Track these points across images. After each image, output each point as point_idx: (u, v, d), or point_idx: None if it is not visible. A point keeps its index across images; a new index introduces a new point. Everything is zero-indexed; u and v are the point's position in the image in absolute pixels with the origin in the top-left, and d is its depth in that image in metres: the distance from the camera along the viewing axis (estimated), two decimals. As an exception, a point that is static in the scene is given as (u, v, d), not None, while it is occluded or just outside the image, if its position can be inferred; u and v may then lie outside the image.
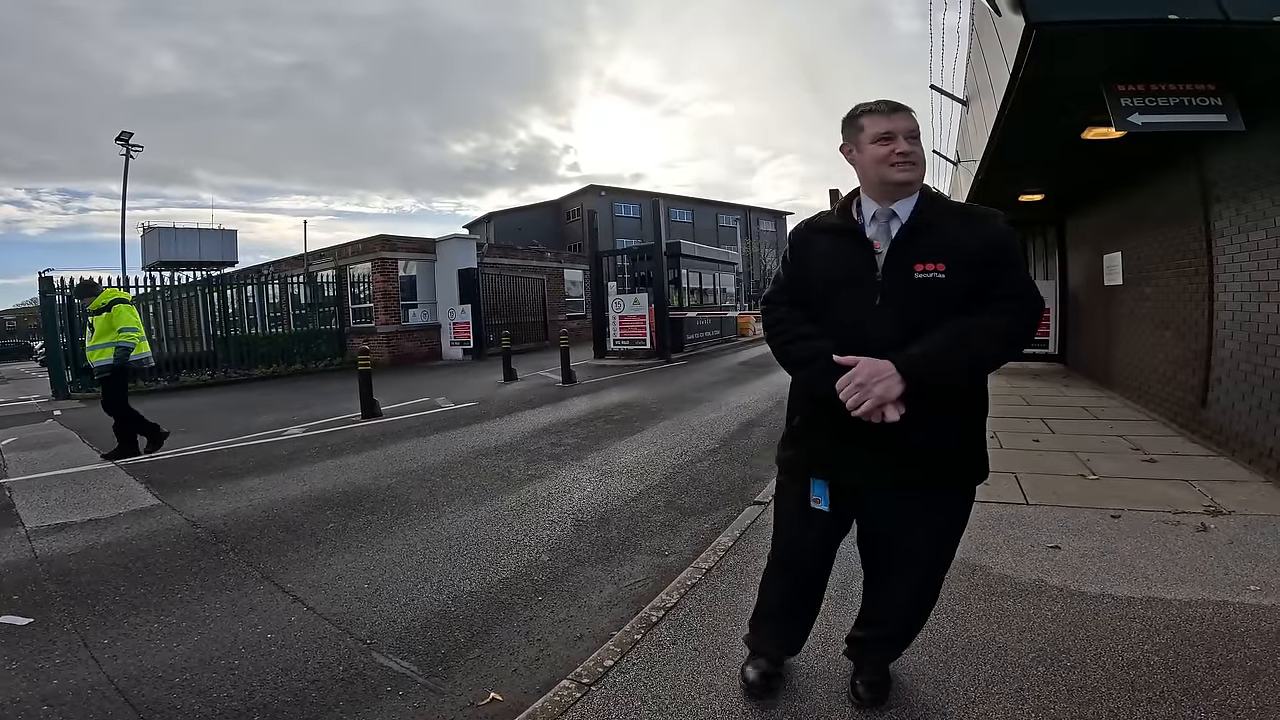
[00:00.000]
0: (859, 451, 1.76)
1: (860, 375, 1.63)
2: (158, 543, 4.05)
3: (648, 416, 8.02)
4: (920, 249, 1.69)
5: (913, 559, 1.91)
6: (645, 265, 16.82)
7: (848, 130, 1.83)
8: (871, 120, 1.76)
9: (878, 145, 1.74)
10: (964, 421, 1.78)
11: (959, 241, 1.68)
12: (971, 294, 1.66)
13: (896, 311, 1.68)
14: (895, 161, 1.71)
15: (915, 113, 1.77)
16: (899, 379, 1.59)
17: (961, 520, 1.89)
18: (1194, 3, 3.12)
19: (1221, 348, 4.89)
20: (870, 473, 1.78)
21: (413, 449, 6.61)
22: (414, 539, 3.97)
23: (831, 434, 1.80)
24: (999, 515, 3.68)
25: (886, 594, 2.02)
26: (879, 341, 1.66)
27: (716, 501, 4.50)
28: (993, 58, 4.85)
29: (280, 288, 19.42)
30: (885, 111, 1.75)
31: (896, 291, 1.69)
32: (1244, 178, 4.52)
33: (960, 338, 1.62)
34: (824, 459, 1.85)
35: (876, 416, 1.62)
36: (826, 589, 2.18)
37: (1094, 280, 8.40)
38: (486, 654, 2.65)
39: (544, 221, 47.98)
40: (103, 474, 5.94)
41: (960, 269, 1.66)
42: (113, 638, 2.84)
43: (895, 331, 1.66)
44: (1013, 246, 1.74)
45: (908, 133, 1.73)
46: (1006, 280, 1.67)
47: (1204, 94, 3.67)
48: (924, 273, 1.67)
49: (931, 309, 1.65)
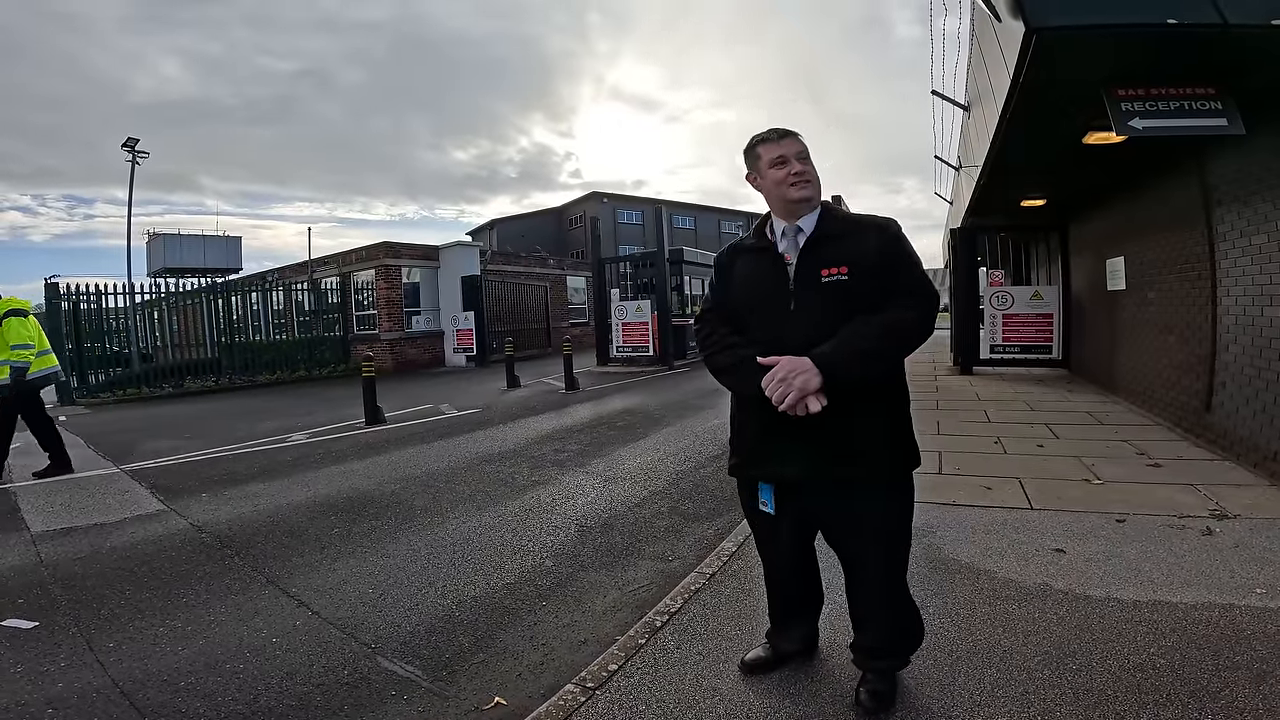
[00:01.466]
0: (792, 446, 1.88)
1: (781, 371, 1.77)
2: (163, 547, 4.06)
3: (651, 423, 8.02)
4: (825, 256, 1.87)
5: (863, 558, 2.00)
6: (648, 272, 16.83)
7: (748, 160, 2.03)
8: (766, 148, 1.97)
9: (775, 169, 1.94)
10: (887, 414, 1.90)
11: (858, 247, 1.86)
12: (875, 294, 1.82)
13: (809, 315, 1.85)
14: (792, 181, 1.90)
15: (802, 136, 1.97)
16: (816, 371, 1.74)
17: (901, 515, 1.99)
18: (1193, 7, 3.14)
19: (1225, 352, 4.88)
20: (805, 466, 1.89)
21: (417, 455, 6.62)
22: (418, 544, 3.98)
23: (765, 433, 1.94)
24: (1003, 520, 3.67)
25: (856, 599, 2.11)
26: (796, 344, 1.81)
27: (720, 507, 4.50)
28: (993, 63, 4.87)
29: (285, 294, 19.48)
30: (775, 139, 1.96)
31: (807, 297, 1.87)
32: (1246, 181, 4.52)
33: (865, 331, 1.77)
34: (760, 457, 2.00)
35: (800, 409, 1.75)
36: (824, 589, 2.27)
37: (1097, 285, 8.40)
38: (491, 658, 2.65)
39: (546, 228, 48.07)
40: (108, 479, 5.96)
41: (862, 272, 1.83)
42: (118, 641, 2.84)
43: (810, 333, 1.81)
44: (905, 249, 1.89)
45: (798, 154, 1.93)
46: (904, 279, 1.85)
47: (1204, 98, 3.69)
48: (830, 276, 1.85)
49: (840, 310, 1.82)
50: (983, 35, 5.59)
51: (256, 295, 19.01)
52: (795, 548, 2.14)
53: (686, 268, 18.48)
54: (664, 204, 29.45)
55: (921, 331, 1.86)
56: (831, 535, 2.06)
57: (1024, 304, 10.23)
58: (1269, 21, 3.07)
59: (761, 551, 2.23)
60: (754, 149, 2.00)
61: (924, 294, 1.86)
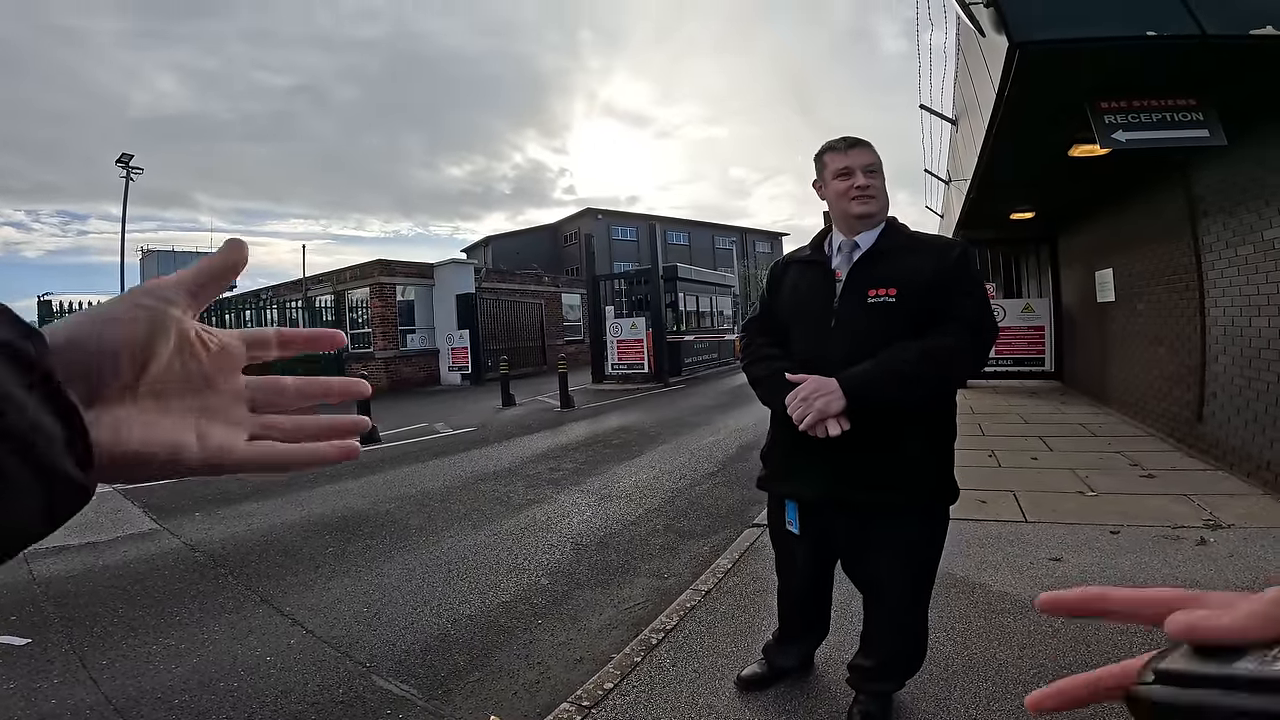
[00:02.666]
0: (812, 466, 1.83)
1: (804, 390, 1.70)
2: (156, 566, 4.04)
3: (646, 441, 8.02)
4: (875, 275, 1.78)
5: (882, 586, 1.93)
6: (642, 289, 16.88)
7: (817, 167, 1.95)
8: (832, 157, 1.87)
9: (838, 181, 1.85)
10: (923, 445, 1.79)
11: (914, 268, 1.76)
12: (925, 319, 1.72)
13: (850, 334, 1.77)
14: (854, 195, 1.81)
15: (873, 147, 1.86)
16: (840, 395, 1.65)
17: (929, 548, 1.89)
18: (1171, 19, 3.20)
19: (1215, 362, 4.93)
20: (823, 487, 1.84)
21: (411, 474, 6.59)
22: (413, 563, 3.96)
23: (788, 449, 1.89)
24: (998, 533, 3.68)
25: (869, 622, 2.05)
26: (835, 363, 1.72)
27: (715, 524, 4.49)
28: (979, 77, 4.95)
29: (279, 312, 19.46)
30: (843, 148, 1.86)
31: (850, 315, 1.79)
32: (1230, 192, 4.58)
33: (898, 358, 1.66)
34: (783, 473, 1.96)
35: (820, 431, 1.67)
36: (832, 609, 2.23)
37: (1087, 297, 8.47)
38: (486, 677, 2.64)
39: (541, 245, 48.25)
40: (100, 498, 5.88)
41: (912, 294, 1.73)
42: (111, 659, 2.83)
43: (849, 353, 1.72)
44: (966, 274, 1.77)
45: (865, 167, 1.82)
46: (954, 305, 1.72)
47: (1186, 109, 3.75)
48: (876, 297, 1.76)
49: (883, 332, 1.72)
50: (968, 50, 5.68)
51: (251, 313, 19.01)
52: (812, 570, 2.09)
53: (681, 284, 18.52)
54: (658, 220, 29.58)
55: (963, 363, 1.75)
56: (849, 562, 2.01)
57: (1016, 317, 10.29)
58: (1247, 31, 3.13)
59: (779, 569, 2.20)
60: (821, 156, 1.91)
61: (973, 324, 1.72)
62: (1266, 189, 4.13)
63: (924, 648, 2.03)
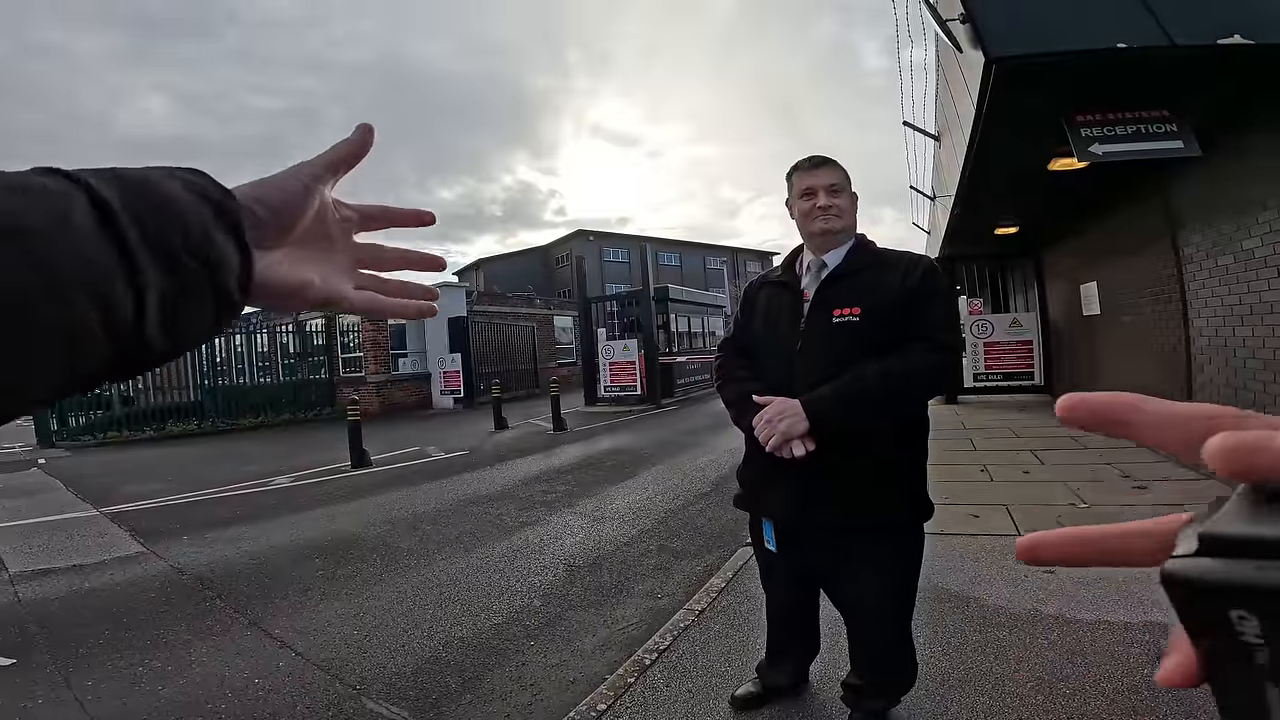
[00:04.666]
0: (780, 486, 1.83)
1: (768, 413, 1.70)
2: (143, 588, 3.99)
3: (640, 462, 7.98)
4: (840, 295, 1.78)
5: (860, 607, 1.92)
6: (634, 311, 16.91)
7: (787, 187, 1.96)
8: (799, 177, 1.89)
9: (803, 200, 1.86)
10: (891, 465, 1.78)
11: (880, 286, 1.75)
12: (891, 337, 1.70)
13: (815, 355, 1.76)
14: (816, 214, 1.82)
15: (840, 166, 1.88)
16: (803, 416, 1.65)
17: (908, 567, 1.88)
18: (1140, 31, 3.28)
19: (1201, 373, 4.97)
20: (790, 508, 1.83)
21: (403, 498, 6.53)
22: (404, 586, 3.91)
23: (759, 470, 1.89)
24: (991, 547, 3.67)
25: (853, 643, 2.03)
26: (801, 385, 1.72)
27: (709, 544, 4.46)
28: (959, 93, 5.04)
29: (269, 337, 19.37)
30: (808, 167, 1.87)
31: (815, 336, 1.79)
32: (1208, 202, 4.66)
33: (859, 378, 1.65)
34: (753, 492, 1.97)
35: (785, 452, 1.67)
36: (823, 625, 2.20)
37: (1073, 311, 8.56)
38: (478, 699, 2.60)
39: (533, 268, 48.33)
40: (87, 521, 5.84)
41: (877, 312, 1.72)
42: (96, 680, 2.79)
43: (814, 376, 1.72)
44: (932, 290, 1.75)
45: (828, 187, 1.83)
46: (919, 323, 1.71)
47: (1159, 120, 3.82)
48: (841, 317, 1.75)
49: (848, 352, 1.71)
50: (948, 66, 5.79)
51: (241, 337, 18.91)
52: (793, 588, 2.08)
53: (673, 305, 18.59)
54: (649, 241, 29.74)
55: (925, 382, 1.73)
56: (825, 583, 2.00)
57: (1003, 331, 10.38)
58: (1214, 40, 3.20)
59: (764, 586, 2.19)
60: (790, 176, 1.93)
61: (936, 341, 1.70)
62: (1243, 199, 4.21)
63: (913, 666, 2.00)
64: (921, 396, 1.79)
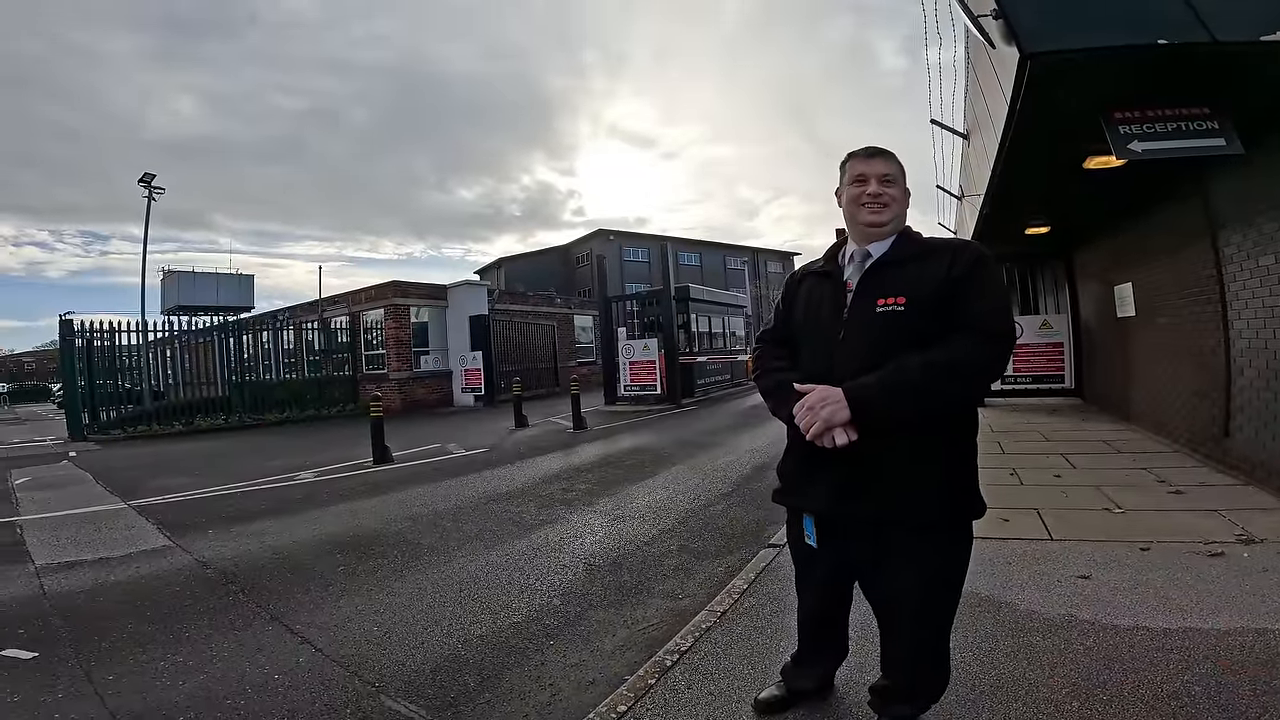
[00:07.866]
0: (822, 478, 1.79)
1: (810, 400, 1.68)
2: (167, 582, 4.04)
3: (660, 461, 7.95)
4: (884, 284, 1.74)
5: (899, 606, 1.83)
6: (654, 310, 16.88)
7: (840, 174, 1.93)
8: (852, 164, 1.86)
9: (853, 187, 1.84)
10: (936, 460, 1.71)
11: (926, 276, 1.70)
12: (937, 327, 1.65)
13: (858, 345, 1.72)
14: (865, 202, 1.79)
15: (895, 159, 1.84)
16: (845, 404, 1.62)
17: (951, 566, 1.79)
18: (1182, 27, 3.16)
19: (1240, 376, 4.81)
20: (832, 500, 1.79)
21: (424, 494, 6.56)
22: (424, 583, 3.91)
23: (801, 462, 1.85)
24: (1023, 551, 3.58)
25: (887, 644, 1.95)
26: (843, 376, 1.68)
27: (730, 545, 4.41)
28: (990, 90, 4.93)
29: (295, 334, 19.65)
30: (863, 155, 1.85)
31: (859, 326, 1.75)
32: (1249, 202, 4.51)
33: (903, 368, 1.60)
34: (795, 486, 1.92)
35: (827, 440, 1.65)
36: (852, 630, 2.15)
37: (1106, 313, 8.35)
38: (497, 698, 2.58)
39: (553, 267, 48.45)
40: (115, 515, 5.95)
41: (920, 303, 1.67)
42: (118, 674, 2.82)
43: (857, 364, 1.68)
44: (977, 278, 1.68)
45: (880, 176, 1.80)
46: (965, 313, 1.65)
47: (1200, 118, 3.69)
48: (884, 307, 1.71)
49: (892, 342, 1.66)
50: (978, 63, 5.66)
51: (267, 334, 19.21)
52: (829, 588, 2.02)
53: (693, 305, 18.50)
54: (670, 241, 29.67)
55: (970, 375, 1.64)
56: (865, 580, 1.93)
57: (1033, 334, 10.17)
58: (1258, 38, 3.09)
59: (798, 586, 2.12)
60: (844, 164, 1.89)
61: (984, 330, 1.62)
62: (1287, 198, 4.06)
63: (946, 671, 1.91)
64: (967, 389, 1.71)
